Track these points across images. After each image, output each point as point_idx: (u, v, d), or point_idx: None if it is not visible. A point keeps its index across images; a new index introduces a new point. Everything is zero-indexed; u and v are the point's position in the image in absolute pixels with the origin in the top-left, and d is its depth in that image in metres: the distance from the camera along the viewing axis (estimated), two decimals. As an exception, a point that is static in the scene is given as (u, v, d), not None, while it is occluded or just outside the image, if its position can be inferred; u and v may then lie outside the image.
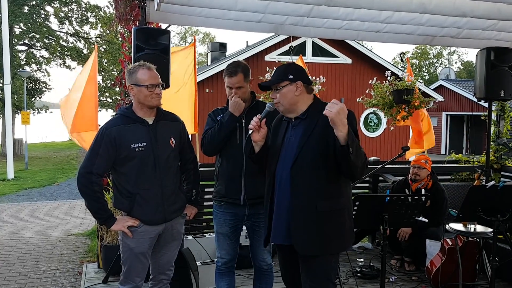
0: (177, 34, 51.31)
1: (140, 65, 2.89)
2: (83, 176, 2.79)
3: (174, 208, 2.95)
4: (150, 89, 2.82)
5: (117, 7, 4.34)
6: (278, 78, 2.60)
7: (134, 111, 2.90)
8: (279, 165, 2.62)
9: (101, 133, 2.84)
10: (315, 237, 2.50)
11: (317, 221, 2.49)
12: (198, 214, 5.29)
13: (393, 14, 3.86)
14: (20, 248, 6.20)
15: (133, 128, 2.84)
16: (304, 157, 2.51)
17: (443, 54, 51.64)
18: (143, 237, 2.89)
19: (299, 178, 2.51)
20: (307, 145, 2.52)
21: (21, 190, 13.18)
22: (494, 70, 4.74)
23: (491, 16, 3.79)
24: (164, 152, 2.87)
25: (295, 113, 2.61)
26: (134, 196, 2.85)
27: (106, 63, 25.26)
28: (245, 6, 3.62)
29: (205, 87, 15.61)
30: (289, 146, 2.61)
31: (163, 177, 2.89)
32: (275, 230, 2.63)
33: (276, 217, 2.62)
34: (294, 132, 2.62)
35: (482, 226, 3.87)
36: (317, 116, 2.54)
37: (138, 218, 2.88)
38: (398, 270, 4.79)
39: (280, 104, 2.59)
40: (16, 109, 22.36)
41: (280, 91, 2.57)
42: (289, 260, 2.74)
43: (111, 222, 2.86)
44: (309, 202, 2.50)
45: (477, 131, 23.80)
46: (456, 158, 6.21)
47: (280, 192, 2.60)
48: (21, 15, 22.48)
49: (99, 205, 2.84)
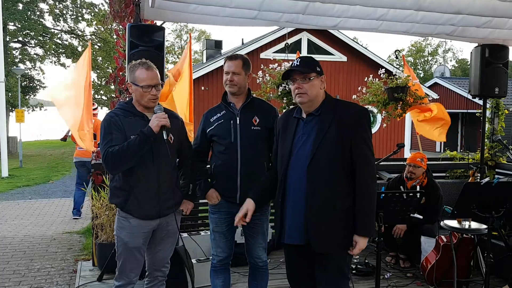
0: (173, 31, 51.16)
1: (141, 63, 2.88)
2: (107, 154, 2.74)
3: (169, 204, 2.94)
4: (146, 89, 2.82)
5: (111, 4, 4.32)
6: (309, 68, 2.54)
7: (134, 106, 2.91)
8: (292, 164, 2.58)
9: (107, 121, 2.83)
10: (334, 235, 2.48)
11: (335, 219, 2.48)
12: (193, 211, 5.29)
13: (388, 11, 3.86)
14: (15, 246, 6.17)
15: (133, 121, 2.85)
16: (321, 156, 2.48)
17: (438, 52, 51.84)
18: (137, 231, 2.90)
19: (316, 177, 2.48)
20: (323, 144, 2.49)
21: (16, 188, 13.10)
22: (488, 67, 4.76)
23: (485, 13, 3.80)
24: (163, 148, 2.86)
25: (312, 107, 2.58)
26: (132, 189, 2.85)
27: (101, 61, 25.16)
28: (240, 3, 3.61)
29: (201, 84, 15.56)
30: (302, 145, 2.56)
31: (161, 172, 2.89)
32: (291, 231, 2.58)
33: (291, 217, 2.57)
34: (307, 130, 2.58)
35: (477, 223, 3.89)
36: (330, 113, 2.53)
37: (132, 212, 2.87)
38: (393, 267, 4.81)
39: (306, 95, 2.53)
40: (11, 107, 22.24)
41: (311, 81, 2.53)
42: (300, 259, 2.68)
43: (148, 130, 2.74)
44: (327, 201, 2.48)
45: (471, 128, 23.92)
46: (450, 155, 6.23)
47: (294, 191, 2.56)
48: (15, 12, 22.35)
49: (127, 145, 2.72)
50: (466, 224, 3.91)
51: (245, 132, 3.20)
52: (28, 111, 24.66)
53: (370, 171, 2.53)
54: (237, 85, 3.21)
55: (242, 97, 3.28)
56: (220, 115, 3.28)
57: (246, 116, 3.24)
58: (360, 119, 2.54)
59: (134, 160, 2.77)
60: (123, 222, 2.92)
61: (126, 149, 2.72)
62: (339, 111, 2.55)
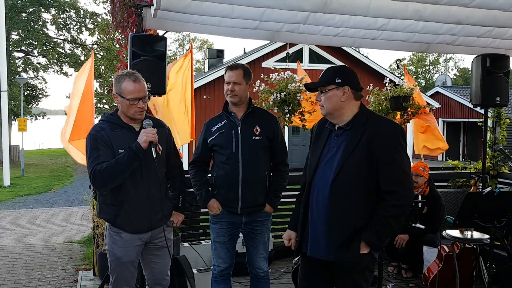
0: (175, 41, 51.44)
1: (127, 74, 2.78)
2: (94, 172, 2.67)
3: (160, 216, 2.86)
4: (132, 102, 2.73)
5: (114, 14, 4.34)
6: (325, 80, 2.50)
7: (119, 117, 2.83)
8: (317, 175, 2.53)
9: (93, 136, 2.74)
10: (354, 253, 2.43)
11: (356, 238, 2.43)
12: (194, 221, 5.31)
13: (389, 21, 3.87)
14: (15, 256, 6.15)
15: (120, 134, 2.77)
16: (346, 173, 2.41)
17: (439, 61, 51.92)
18: (130, 245, 2.84)
19: (339, 195, 2.42)
20: (349, 160, 2.41)
21: (17, 197, 13.11)
22: (489, 76, 4.76)
23: (486, 23, 3.81)
24: (152, 162, 2.76)
25: (339, 119, 2.52)
26: (121, 204, 2.78)
27: (104, 70, 25.27)
28: (241, 13, 3.62)
29: (202, 93, 15.63)
30: (330, 158, 2.51)
31: (150, 185, 2.82)
32: (314, 244, 2.53)
33: (314, 230, 2.53)
34: (337, 143, 2.51)
35: (479, 233, 3.87)
36: (361, 128, 2.44)
37: (123, 227, 2.80)
38: (395, 277, 4.78)
39: (323, 107, 2.51)
40: (13, 115, 22.31)
41: (325, 94, 2.48)
42: (317, 272, 2.63)
43: (137, 147, 2.67)
44: (349, 220, 2.42)
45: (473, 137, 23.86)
46: (452, 164, 6.22)
47: (317, 204, 2.51)
48: (18, 22, 22.52)
49: (115, 162, 2.65)
50: (468, 234, 3.88)
51: (246, 142, 3.20)
52: (30, 120, 24.74)
53: (394, 193, 2.39)
54: (238, 95, 3.21)
55: (243, 106, 3.29)
56: (221, 124, 3.27)
57: (248, 126, 3.24)
58: (391, 137, 2.42)
59: (123, 177, 2.70)
60: (114, 237, 2.84)
61: (115, 166, 2.63)
62: (371, 127, 2.44)
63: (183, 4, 3.42)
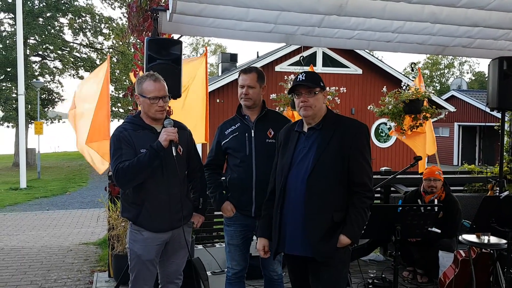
0: (189, 45, 51.82)
1: (148, 75, 2.91)
2: (117, 170, 2.76)
3: (180, 215, 2.93)
4: (153, 101, 2.84)
5: (130, 18, 4.40)
6: (314, 82, 2.64)
7: (142, 119, 2.93)
8: (291, 175, 2.63)
9: (116, 136, 2.85)
10: (332, 247, 2.52)
11: (333, 231, 2.53)
12: (208, 223, 5.32)
13: (405, 24, 3.86)
14: (32, 257, 6.23)
15: (142, 135, 2.86)
16: (321, 169, 2.54)
17: (454, 65, 51.39)
18: (150, 244, 2.90)
19: (315, 190, 2.54)
20: (323, 157, 2.56)
21: (33, 199, 13.29)
22: (506, 80, 4.70)
23: (503, 25, 3.78)
24: (172, 161, 2.85)
25: (315, 120, 2.66)
26: (142, 203, 2.85)
27: (119, 74, 25.51)
28: (256, 16, 3.64)
29: (216, 97, 15.68)
30: (303, 157, 2.62)
31: (171, 184, 2.89)
32: (291, 241, 2.62)
33: (290, 228, 2.62)
34: (308, 143, 2.64)
35: (496, 237, 3.82)
36: (331, 128, 2.61)
37: (144, 225, 2.87)
38: (410, 282, 4.73)
39: (311, 108, 2.62)
40: (30, 119, 22.64)
41: (316, 95, 2.62)
42: (299, 269, 2.74)
43: (157, 145, 2.74)
44: (326, 213, 2.53)
45: (489, 141, 23.55)
46: (468, 169, 6.16)
47: (292, 203, 2.61)
48: (35, 27, 22.84)
49: (137, 161, 2.73)
50: (485, 239, 3.84)
51: (260, 145, 3.21)
52: (46, 123, 25.06)
53: (366, 185, 2.58)
54: (252, 98, 3.22)
55: (257, 109, 3.30)
56: (235, 127, 3.29)
57: (261, 129, 3.24)
58: (359, 134, 2.62)
59: (144, 175, 2.79)
60: (135, 235, 2.92)
61: (137, 164, 2.73)
62: (340, 126, 2.63)
63: (198, 7, 3.46)
